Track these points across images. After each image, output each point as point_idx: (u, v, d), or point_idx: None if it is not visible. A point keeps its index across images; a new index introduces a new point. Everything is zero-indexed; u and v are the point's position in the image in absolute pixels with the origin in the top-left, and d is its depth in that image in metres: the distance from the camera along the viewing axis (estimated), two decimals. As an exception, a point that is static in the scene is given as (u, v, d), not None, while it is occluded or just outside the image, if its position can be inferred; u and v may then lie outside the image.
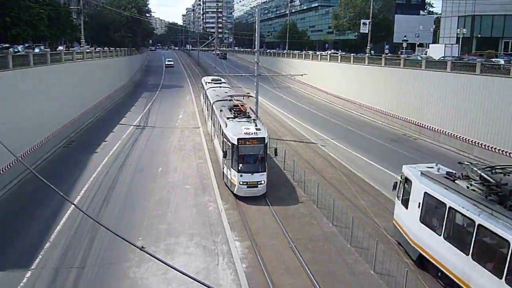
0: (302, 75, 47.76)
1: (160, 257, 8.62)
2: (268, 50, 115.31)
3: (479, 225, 14.15)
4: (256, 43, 40.74)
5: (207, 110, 39.53)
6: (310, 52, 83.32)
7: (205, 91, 42.78)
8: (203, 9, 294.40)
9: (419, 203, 17.50)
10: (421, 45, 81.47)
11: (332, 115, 51.62)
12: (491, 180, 15.06)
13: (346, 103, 56.11)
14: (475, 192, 15.30)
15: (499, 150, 31.64)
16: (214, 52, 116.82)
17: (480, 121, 33.73)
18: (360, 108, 52.26)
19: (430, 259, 16.58)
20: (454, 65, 37.91)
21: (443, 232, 16.04)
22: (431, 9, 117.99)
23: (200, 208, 23.31)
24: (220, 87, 42.23)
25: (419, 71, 42.07)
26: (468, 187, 15.74)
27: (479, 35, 72.95)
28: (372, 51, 60.69)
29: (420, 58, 45.89)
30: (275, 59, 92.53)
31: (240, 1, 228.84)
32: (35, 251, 18.13)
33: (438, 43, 76.30)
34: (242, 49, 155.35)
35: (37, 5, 53.77)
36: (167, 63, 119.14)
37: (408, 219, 18.44)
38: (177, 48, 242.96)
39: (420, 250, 17.24)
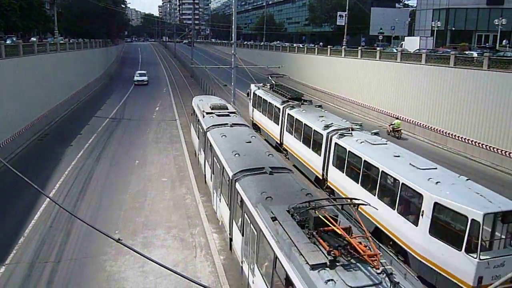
0: (278, 67, 47.82)
1: (137, 250, 8.60)
2: (245, 42, 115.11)
3: (263, 99, 34.59)
4: (233, 35, 40.59)
5: (213, 173, 20.71)
6: (287, 44, 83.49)
7: (205, 133, 22.71)
8: (179, 0, 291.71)
9: (252, 98, 37.63)
10: (396, 37, 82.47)
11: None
12: (272, 82, 36.45)
13: (323, 95, 56.46)
14: (268, 88, 35.89)
15: (472, 141, 32.31)
16: (183, 42, 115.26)
17: (453, 113, 34.38)
18: (337, 100, 52.69)
19: (257, 123, 36.41)
20: (428, 57, 38.48)
21: (257, 107, 36.33)
22: (406, 2, 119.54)
23: (178, 200, 23.23)
24: (231, 125, 22.55)
25: (395, 64, 42.56)
26: (266, 87, 36.58)
27: (453, 28, 74.27)
28: (346, 43, 61.08)
29: (395, 51, 46.41)
30: (252, 51, 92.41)
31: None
32: (9, 245, 17.82)
33: (413, 35, 77.31)
34: (219, 41, 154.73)
35: (8, -5, 52.70)
36: (138, 78, 68.68)
37: (250, 109, 38.48)
38: (153, 39, 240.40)
39: (253, 121, 37.20)
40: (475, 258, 13.69)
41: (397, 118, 39.19)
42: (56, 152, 31.60)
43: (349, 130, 23.06)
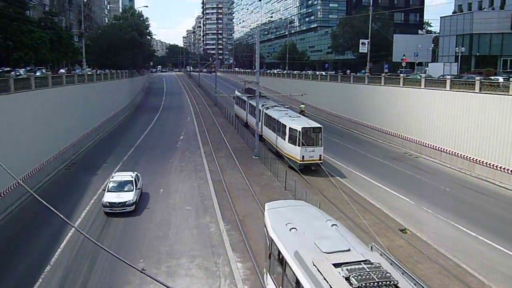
0: (302, 95, 48.03)
1: (161, 280, 8.57)
2: (268, 71, 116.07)
3: (238, 97, 60.04)
4: (256, 64, 41.11)
5: None
6: (310, 72, 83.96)
7: None
8: (203, 31, 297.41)
9: (235, 99, 62.34)
10: (420, 64, 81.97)
11: (333, 134, 51.56)
12: (245, 87, 58.67)
13: (347, 122, 56.25)
14: (242, 91, 59.77)
15: (500, 167, 31.56)
16: (203, 70, 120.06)
17: (480, 139, 33.71)
18: (360, 127, 52.36)
19: (236, 113, 59.79)
20: (453, 83, 38.09)
21: (236, 103, 61.90)
22: (429, 28, 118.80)
23: (202, 229, 23.21)
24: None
25: (419, 90, 42.22)
26: (242, 91, 60.50)
27: (478, 54, 73.49)
28: (364, 71, 61.03)
29: (419, 77, 46.10)
30: (274, 79, 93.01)
31: (240, 23, 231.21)
32: (35, 274, 18.01)
33: (437, 61, 76.81)
34: (242, 70, 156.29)
35: (39, 29, 54.49)
36: (109, 199, 25.36)
37: (234, 106, 61.62)
38: (177, 69, 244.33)
39: (235, 112, 60.62)
40: (300, 147, 33.39)
41: (303, 104, 63.42)
42: (83, 181, 32.07)
43: (273, 106, 44.73)
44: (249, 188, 29.83)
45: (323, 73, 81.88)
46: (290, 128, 34.96)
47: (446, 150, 37.55)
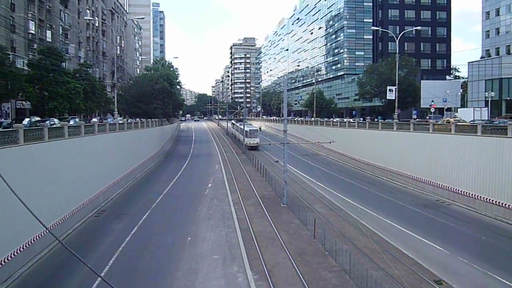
0: (330, 142, 47.79)
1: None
2: (295, 118, 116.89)
3: (232, 123, 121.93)
4: (283, 112, 41.38)
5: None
6: (338, 119, 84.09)
7: None
8: (231, 80, 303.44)
9: (230, 124, 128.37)
10: (449, 109, 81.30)
11: (362, 181, 51.00)
12: (236, 118, 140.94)
13: (376, 169, 55.55)
14: (235, 120, 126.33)
15: (538, 215, 30.42)
16: (228, 118, 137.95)
17: (516, 186, 32.65)
18: (390, 174, 51.57)
19: (229, 132, 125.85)
20: (484, 128, 37.42)
21: (230, 126, 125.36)
22: (457, 73, 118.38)
23: (229, 279, 22.80)
24: None
25: (449, 136, 41.58)
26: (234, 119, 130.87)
27: (508, 98, 72.60)
28: (381, 117, 60.64)
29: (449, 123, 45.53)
30: (302, 127, 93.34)
31: (267, 72, 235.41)
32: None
33: (466, 107, 76.13)
34: (270, 118, 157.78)
35: (73, 80, 56.61)
36: None
37: (229, 128, 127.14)
38: (206, 117, 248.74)
39: (228, 131, 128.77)
40: (247, 137, 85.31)
41: (260, 126, 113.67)
42: (111, 229, 32.21)
43: (247, 124, 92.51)
44: (278, 236, 29.38)
45: (351, 120, 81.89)
46: (245, 130, 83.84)
47: (480, 197, 36.46)
